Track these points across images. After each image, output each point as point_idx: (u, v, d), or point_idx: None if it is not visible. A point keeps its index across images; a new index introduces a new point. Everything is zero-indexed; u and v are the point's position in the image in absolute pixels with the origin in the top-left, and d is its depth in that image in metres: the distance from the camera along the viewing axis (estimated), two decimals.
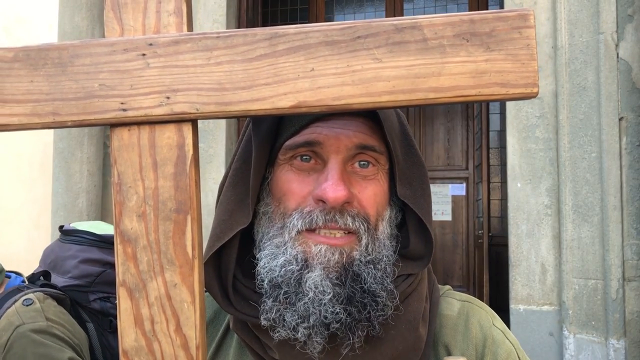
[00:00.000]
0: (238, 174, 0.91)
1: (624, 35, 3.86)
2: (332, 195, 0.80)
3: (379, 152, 0.87)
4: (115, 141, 0.63)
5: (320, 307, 0.80)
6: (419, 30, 0.59)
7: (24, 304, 1.76)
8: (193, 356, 0.63)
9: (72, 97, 0.62)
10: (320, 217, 0.83)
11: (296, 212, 0.84)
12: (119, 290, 0.63)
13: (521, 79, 0.59)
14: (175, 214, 0.63)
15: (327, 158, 0.85)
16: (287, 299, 0.82)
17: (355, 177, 0.86)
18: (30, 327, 1.69)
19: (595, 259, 3.87)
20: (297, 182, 0.86)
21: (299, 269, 0.82)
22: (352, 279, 0.82)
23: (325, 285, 0.81)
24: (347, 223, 0.83)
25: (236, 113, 0.61)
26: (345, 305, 0.81)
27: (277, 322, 0.82)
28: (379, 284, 0.83)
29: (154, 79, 0.61)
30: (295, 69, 0.60)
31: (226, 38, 0.61)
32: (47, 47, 0.63)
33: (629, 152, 3.80)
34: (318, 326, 0.80)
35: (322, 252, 0.82)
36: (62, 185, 4.72)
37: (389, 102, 0.59)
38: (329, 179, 0.82)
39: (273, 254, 0.85)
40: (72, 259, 2.00)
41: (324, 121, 0.85)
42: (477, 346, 0.93)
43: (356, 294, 0.81)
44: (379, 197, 0.88)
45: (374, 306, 0.82)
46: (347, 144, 0.84)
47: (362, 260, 0.83)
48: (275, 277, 0.83)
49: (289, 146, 0.86)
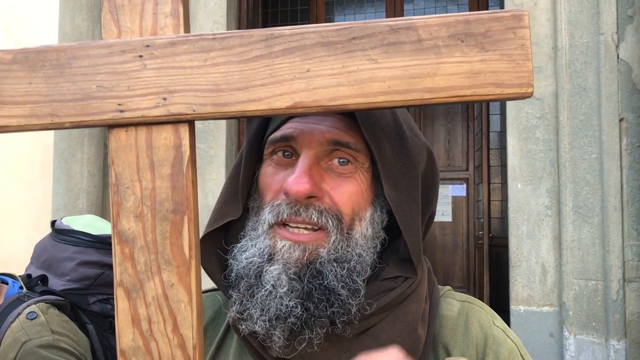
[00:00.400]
0: (235, 168, 0.93)
1: (624, 36, 3.86)
2: (294, 188, 0.81)
3: (354, 149, 0.86)
4: (112, 142, 0.64)
5: (276, 300, 0.81)
6: (414, 31, 0.60)
7: (28, 317, 1.74)
8: (190, 356, 0.63)
9: (70, 98, 0.63)
10: (285, 209, 0.83)
11: (268, 206, 0.86)
12: (117, 291, 0.64)
13: (516, 79, 0.59)
14: (172, 214, 0.63)
15: (300, 153, 0.86)
16: (249, 291, 0.83)
17: (330, 174, 0.86)
18: (37, 343, 1.68)
19: (596, 260, 3.86)
20: (273, 177, 0.88)
21: (261, 261, 0.83)
22: (311, 275, 0.82)
23: (283, 279, 0.82)
24: (311, 217, 0.83)
25: (232, 114, 0.61)
26: (302, 300, 0.81)
27: (243, 315, 0.84)
28: (339, 281, 0.83)
29: (150, 80, 0.62)
30: (291, 69, 0.61)
31: (222, 39, 0.61)
32: (46, 49, 0.63)
33: (629, 153, 3.80)
34: (275, 319, 0.81)
35: (285, 247, 0.83)
36: (62, 186, 4.72)
37: (384, 102, 0.60)
38: (295, 172, 0.83)
39: (244, 246, 0.87)
40: (69, 261, 1.97)
41: (301, 117, 0.86)
42: (478, 346, 0.92)
43: (315, 290, 0.82)
44: (354, 195, 0.87)
45: (334, 303, 0.82)
46: (320, 139, 0.85)
47: (327, 257, 0.83)
48: (239, 268, 0.85)
49: (270, 141, 0.88)
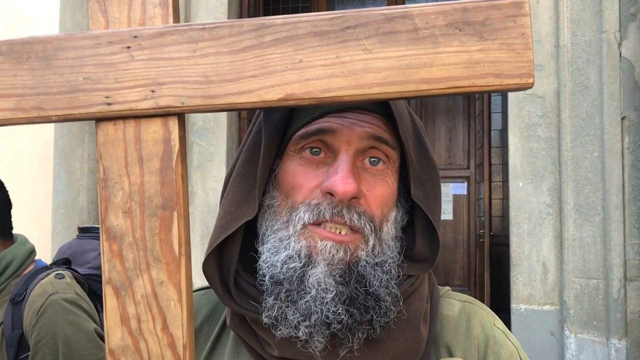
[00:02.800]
0: (246, 165, 0.89)
1: (627, 34, 3.84)
2: (341, 188, 0.79)
3: (391, 146, 0.85)
4: (100, 136, 0.62)
5: (322, 306, 0.78)
6: (410, 20, 0.58)
7: (57, 277, 1.98)
8: (180, 355, 0.61)
9: (56, 91, 0.61)
10: (327, 209, 0.81)
11: (303, 205, 0.83)
12: (105, 288, 0.62)
13: (516, 69, 0.57)
14: (162, 210, 0.61)
15: (339, 150, 0.83)
16: (289, 297, 0.80)
17: (365, 174, 0.85)
18: (62, 297, 1.90)
19: (597, 259, 3.85)
20: (305, 175, 0.85)
21: (302, 265, 0.80)
22: (356, 279, 0.80)
23: (329, 283, 0.79)
24: (352, 219, 0.81)
25: (222, 106, 0.60)
26: (348, 307, 0.79)
27: (278, 320, 0.81)
28: (384, 287, 0.81)
29: (138, 72, 0.60)
30: (282, 60, 0.59)
31: (212, 29, 0.60)
32: (31, 41, 0.62)
33: (631, 152, 3.79)
34: (319, 325, 0.79)
35: (327, 248, 0.80)
36: (62, 183, 4.71)
37: (379, 94, 0.58)
38: (339, 171, 0.80)
39: (275, 248, 0.83)
40: (93, 252, 2.21)
41: (338, 113, 0.84)
42: (479, 346, 0.92)
43: (360, 296, 0.80)
44: (385, 197, 0.86)
45: (376, 310, 0.80)
46: (360, 133, 0.83)
47: (368, 261, 0.82)
48: (276, 273, 0.82)
49: (301, 135, 0.85)
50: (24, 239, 2.20)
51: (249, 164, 0.89)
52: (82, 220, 4.70)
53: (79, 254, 2.22)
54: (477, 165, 7.35)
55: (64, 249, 2.30)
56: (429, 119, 7.79)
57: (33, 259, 2.15)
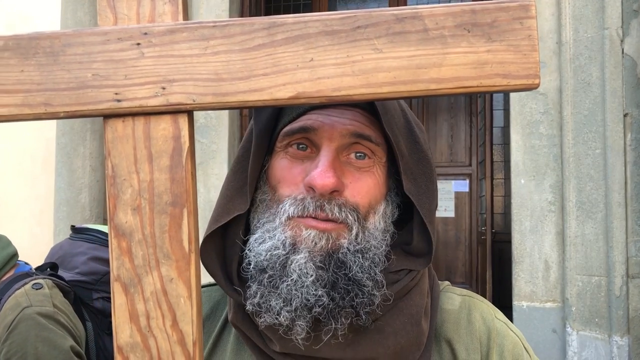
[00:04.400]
0: (240, 161, 0.91)
1: (629, 31, 3.83)
2: (320, 182, 0.80)
3: (375, 142, 0.86)
4: (109, 133, 0.62)
5: (303, 289, 0.80)
6: (419, 20, 0.58)
7: (34, 287, 1.79)
8: (190, 352, 0.62)
9: (64, 87, 0.61)
10: (311, 203, 0.82)
11: (289, 199, 0.84)
12: (114, 286, 0.62)
13: (523, 70, 0.58)
14: (171, 207, 0.62)
15: (320, 146, 0.85)
16: (271, 283, 0.82)
17: (349, 168, 0.86)
18: (37, 310, 1.72)
19: (599, 256, 3.85)
20: (290, 169, 0.86)
21: (286, 253, 0.82)
22: (335, 265, 0.81)
23: (309, 267, 0.80)
24: (333, 211, 0.82)
25: (233, 104, 0.60)
26: (328, 290, 0.80)
27: (261, 307, 0.82)
28: (365, 272, 0.82)
29: (149, 69, 0.60)
30: (294, 59, 0.59)
31: (223, 27, 0.60)
32: (38, 36, 0.62)
33: (633, 149, 3.78)
34: (300, 309, 0.80)
35: (310, 236, 0.82)
36: (64, 181, 4.71)
37: (389, 93, 0.58)
38: (319, 166, 0.82)
39: (261, 238, 0.85)
40: (82, 256, 2.03)
41: (321, 109, 0.85)
42: (482, 339, 0.93)
43: (340, 280, 0.81)
44: (372, 189, 0.87)
45: (359, 294, 0.81)
46: (342, 131, 0.84)
47: (349, 248, 0.83)
48: (260, 260, 0.83)
49: (286, 133, 0.87)
50: (6, 241, 2.07)
51: (242, 160, 0.91)
52: (85, 217, 4.71)
53: (68, 257, 2.06)
54: (479, 163, 7.34)
55: (55, 250, 2.14)
56: (430, 116, 7.79)
57: (13, 264, 2.01)
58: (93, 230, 2.08)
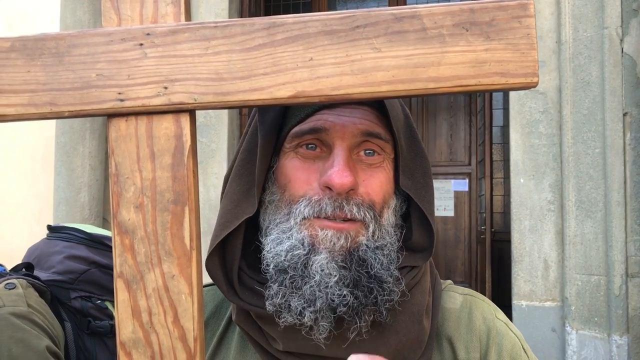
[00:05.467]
0: (244, 164, 0.91)
1: (629, 30, 3.84)
2: (338, 181, 0.80)
3: (384, 139, 0.87)
4: (112, 132, 0.63)
5: (327, 290, 0.80)
6: (418, 20, 0.59)
7: (7, 287, 1.72)
8: (191, 348, 0.62)
9: (69, 87, 0.62)
10: (329, 204, 0.82)
11: (304, 199, 0.84)
12: (117, 282, 0.63)
13: (521, 69, 0.59)
14: (173, 205, 0.62)
15: (333, 145, 0.85)
16: (293, 283, 0.82)
17: (361, 165, 0.86)
18: (11, 311, 1.65)
19: (599, 255, 3.86)
20: (302, 170, 0.86)
21: (306, 252, 0.82)
22: (357, 263, 0.82)
23: (331, 267, 0.81)
24: (352, 211, 0.83)
25: (234, 103, 0.61)
26: (352, 289, 0.81)
27: (282, 308, 0.82)
28: (385, 269, 0.83)
29: (151, 69, 0.61)
30: (293, 58, 0.60)
31: (224, 28, 0.60)
32: (44, 37, 0.62)
33: (632, 148, 3.79)
34: (324, 310, 0.80)
35: (328, 236, 0.82)
36: (64, 180, 4.72)
37: (388, 92, 0.59)
38: (335, 165, 0.82)
39: (279, 238, 0.85)
40: (58, 255, 1.96)
41: (330, 109, 0.86)
42: (481, 338, 0.93)
43: (362, 278, 0.81)
44: (384, 185, 0.88)
45: (380, 291, 0.82)
46: (353, 130, 0.84)
47: (369, 245, 0.83)
48: (281, 261, 0.83)
49: (295, 133, 0.87)
50: None
51: (247, 163, 0.91)
52: (84, 216, 4.71)
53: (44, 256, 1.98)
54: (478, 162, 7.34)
55: (31, 250, 2.05)
56: (430, 115, 7.79)
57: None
58: (69, 229, 2.02)
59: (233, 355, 0.96)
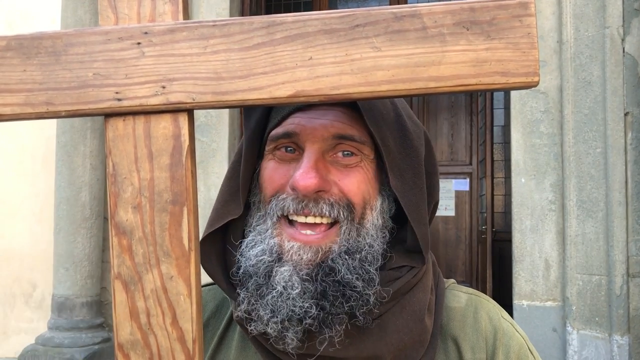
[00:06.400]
0: (234, 166, 0.92)
1: (630, 30, 3.83)
2: (301, 183, 0.80)
3: (359, 141, 0.85)
4: (110, 132, 0.62)
5: (288, 301, 0.79)
6: (418, 19, 0.58)
7: None
8: (189, 349, 0.62)
9: (66, 86, 0.61)
10: (292, 204, 0.82)
11: (274, 199, 0.85)
12: (114, 283, 0.63)
13: (522, 68, 0.58)
14: (171, 205, 0.62)
15: (304, 148, 0.85)
16: (258, 291, 0.82)
17: (336, 166, 0.85)
18: None
19: (600, 255, 3.86)
20: (277, 171, 0.87)
21: (271, 260, 0.82)
22: (324, 273, 0.81)
23: (294, 280, 0.80)
24: (322, 211, 0.82)
25: (233, 103, 0.60)
26: (318, 300, 0.80)
27: (251, 315, 0.82)
28: (353, 273, 0.82)
29: (149, 68, 0.60)
30: (293, 57, 0.59)
31: (222, 26, 0.60)
32: (41, 36, 0.62)
33: (634, 148, 3.79)
34: (289, 321, 0.80)
35: (294, 249, 0.82)
36: (64, 179, 4.72)
37: (388, 91, 0.58)
38: (301, 167, 0.82)
39: (253, 241, 0.85)
40: None
41: (303, 112, 0.85)
42: (488, 338, 0.93)
43: (329, 288, 0.80)
44: (363, 184, 0.86)
45: (350, 297, 0.81)
46: (323, 133, 0.84)
47: (339, 251, 0.83)
48: (248, 265, 0.83)
49: (271, 138, 0.87)
50: None
51: (236, 165, 0.91)
52: (85, 216, 4.72)
53: None
54: (479, 162, 7.35)
55: None
56: (431, 115, 7.79)
57: None
58: None
59: (234, 355, 0.96)
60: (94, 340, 4.68)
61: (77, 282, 4.70)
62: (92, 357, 4.58)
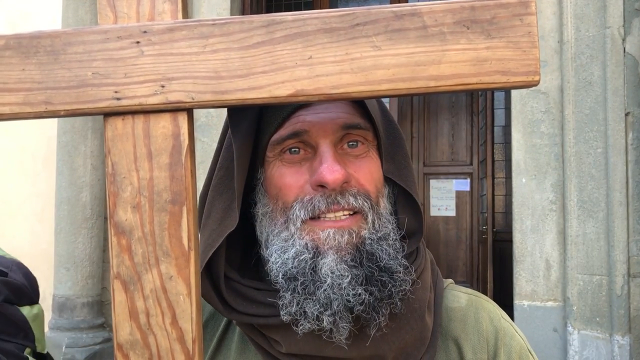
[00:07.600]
0: (223, 181, 0.90)
1: (631, 30, 3.83)
2: (330, 177, 0.80)
3: (364, 128, 0.86)
4: (109, 131, 0.62)
5: (341, 291, 0.79)
6: (418, 17, 0.58)
7: None
8: (189, 349, 0.62)
9: (64, 85, 0.61)
10: (322, 201, 0.82)
11: (297, 203, 0.84)
12: (113, 283, 0.62)
13: (522, 67, 0.58)
14: (171, 205, 0.62)
15: (317, 144, 0.84)
16: (305, 289, 0.81)
17: (348, 158, 0.86)
18: None
19: (600, 255, 3.85)
20: (291, 175, 0.85)
21: (312, 256, 0.81)
22: (367, 258, 0.81)
23: (342, 268, 0.80)
24: (350, 202, 0.82)
25: (233, 102, 0.60)
26: (366, 286, 0.80)
27: (299, 315, 0.81)
28: (393, 259, 0.83)
29: (148, 67, 0.60)
30: (293, 56, 0.59)
31: (222, 25, 0.60)
32: (39, 35, 0.62)
33: (635, 148, 3.78)
34: (342, 311, 0.80)
35: (330, 235, 0.82)
36: (65, 179, 4.72)
37: (388, 90, 0.58)
38: (324, 162, 0.82)
39: (282, 247, 0.84)
40: None
41: (306, 108, 0.85)
42: (489, 339, 0.93)
43: (374, 273, 0.81)
44: (375, 173, 0.87)
45: (393, 283, 0.81)
46: (333, 126, 0.84)
47: (372, 238, 0.83)
48: (289, 269, 0.82)
49: (276, 141, 0.86)
50: None
51: (226, 179, 0.89)
52: (85, 216, 4.72)
53: None
54: (480, 162, 7.35)
55: None
56: (431, 115, 7.78)
57: None
58: None
59: (233, 356, 0.96)
60: (95, 340, 4.68)
61: (77, 282, 4.70)
62: (93, 357, 4.58)
